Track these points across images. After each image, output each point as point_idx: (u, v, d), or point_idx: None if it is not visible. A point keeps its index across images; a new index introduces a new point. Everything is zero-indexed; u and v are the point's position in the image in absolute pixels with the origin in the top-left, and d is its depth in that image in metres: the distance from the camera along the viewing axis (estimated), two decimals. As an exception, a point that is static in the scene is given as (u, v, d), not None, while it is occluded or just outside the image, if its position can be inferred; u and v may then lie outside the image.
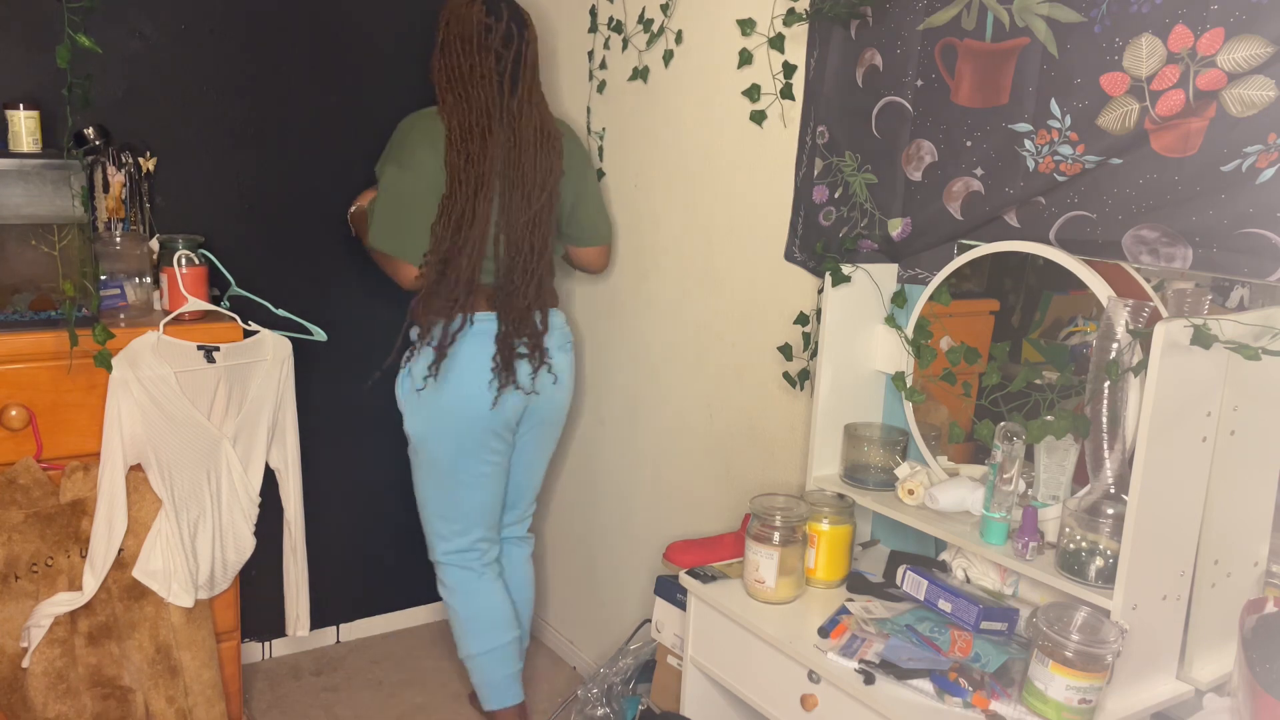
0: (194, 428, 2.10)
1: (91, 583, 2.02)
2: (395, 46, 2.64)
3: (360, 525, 2.85)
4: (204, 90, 2.50)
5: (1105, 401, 1.44)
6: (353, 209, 2.43)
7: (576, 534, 2.86)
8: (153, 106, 2.43)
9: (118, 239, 2.16)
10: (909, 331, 1.79)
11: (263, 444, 2.24)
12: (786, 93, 2.00)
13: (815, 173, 1.96)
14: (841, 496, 1.79)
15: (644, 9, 2.34)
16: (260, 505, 2.26)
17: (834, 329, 1.81)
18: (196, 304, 2.14)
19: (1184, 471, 1.38)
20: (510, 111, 2.18)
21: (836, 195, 1.92)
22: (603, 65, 2.52)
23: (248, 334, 2.20)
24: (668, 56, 2.29)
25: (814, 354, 1.97)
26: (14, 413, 1.96)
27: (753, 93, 2.06)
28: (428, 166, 2.13)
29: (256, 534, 2.26)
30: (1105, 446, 1.44)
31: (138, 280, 2.16)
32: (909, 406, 1.80)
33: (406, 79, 2.66)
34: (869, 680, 1.47)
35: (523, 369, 2.25)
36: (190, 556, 2.11)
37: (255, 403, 2.20)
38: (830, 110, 1.91)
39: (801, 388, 2.05)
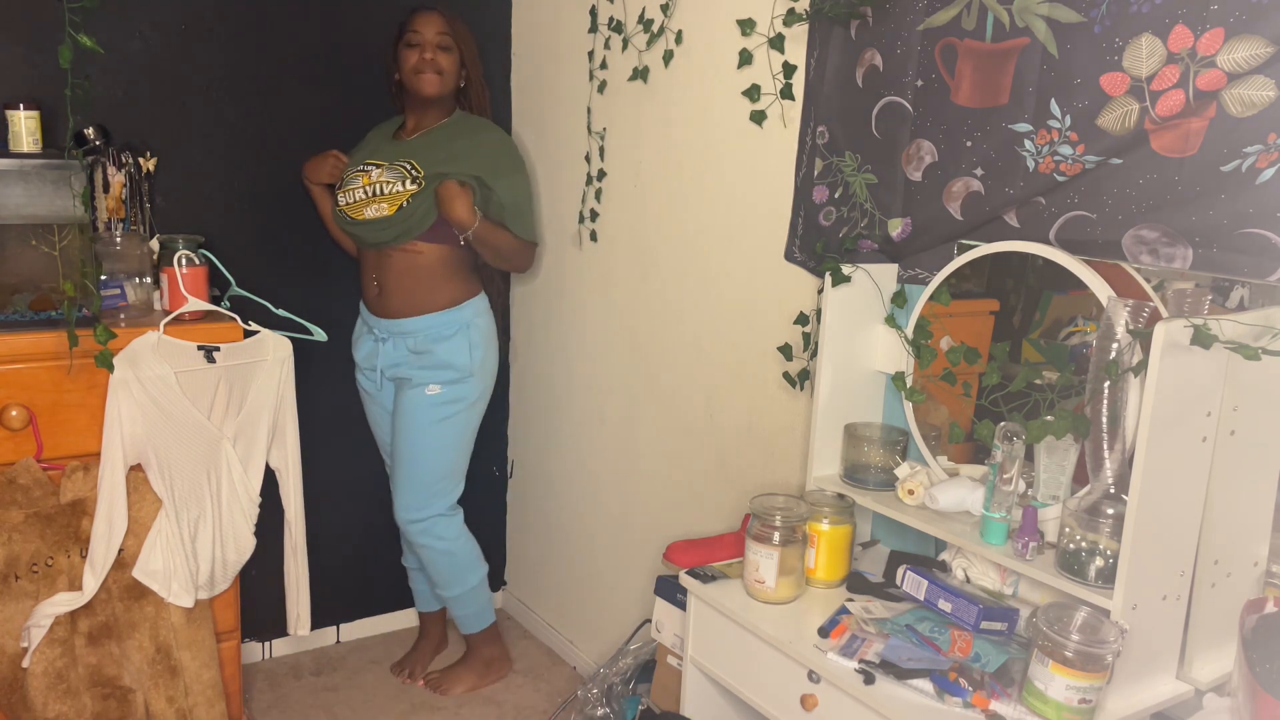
0: (194, 428, 2.10)
1: (91, 583, 2.02)
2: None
3: (360, 525, 2.85)
4: (204, 90, 2.50)
5: (1105, 401, 1.44)
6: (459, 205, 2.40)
7: (576, 534, 2.86)
8: (153, 106, 2.43)
9: (118, 239, 2.16)
10: (909, 331, 1.79)
11: (263, 444, 2.24)
12: (786, 93, 2.00)
13: (815, 173, 1.96)
14: (841, 496, 1.79)
15: (644, 9, 2.34)
16: (260, 505, 2.25)
17: (834, 329, 1.81)
18: (197, 304, 2.14)
19: (1184, 471, 1.38)
20: None
21: (836, 195, 1.92)
22: (603, 65, 2.52)
23: (248, 334, 2.20)
24: (668, 56, 2.29)
25: (814, 354, 1.97)
26: (14, 413, 1.96)
27: (753, 93, 2.06)
28: None
29: (256, 534, 2.26)
30: (1105, 446, 1.44)
31: (138, 280, 2.16)
32: (909, 406, 1.79)
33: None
34: (869, 680, 1.47)
35: None
36: (190, 557, 2.11)
37: (255, 403, 2.20)
38: (830, 110, 1.91)
39: (801, 388, 2.04)
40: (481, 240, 2.42)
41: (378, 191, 2.40)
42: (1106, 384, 1.43)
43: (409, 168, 2.41)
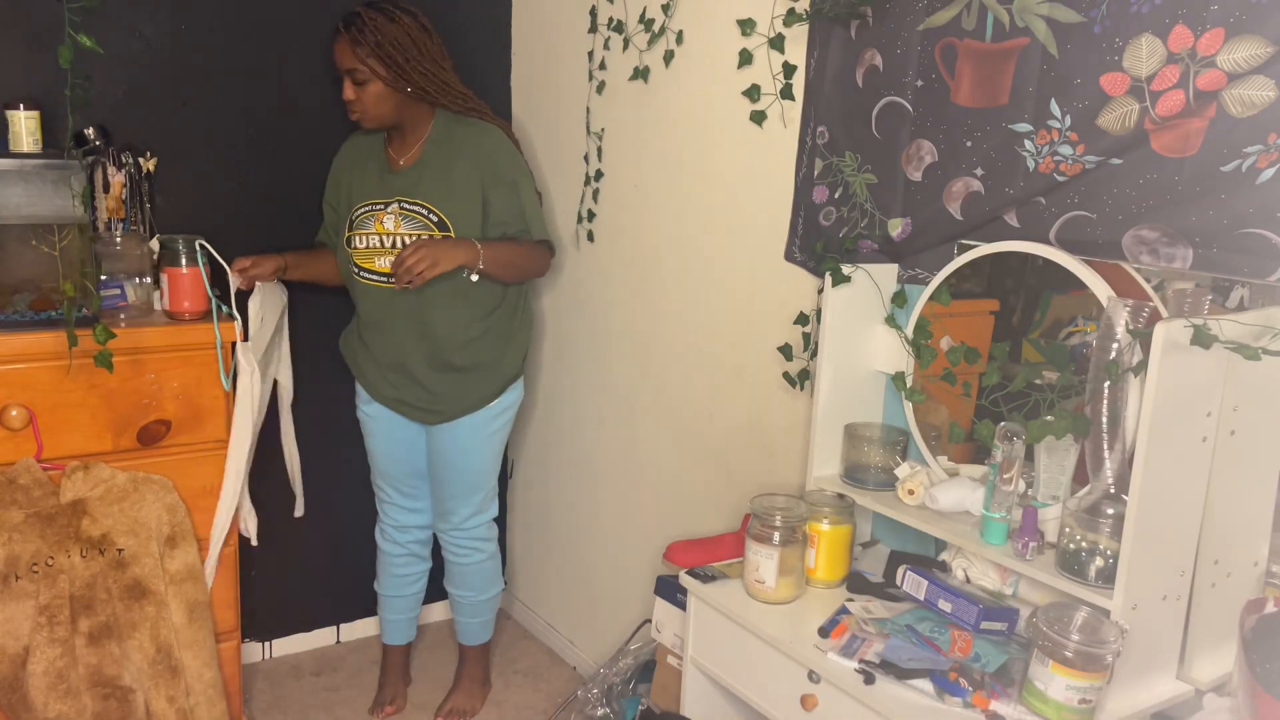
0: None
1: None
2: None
3: (361, 525, 2.85)
4: (204, 91, 2.50)
5: (1105, 401, 1.44)
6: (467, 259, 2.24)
7: (577, 534, 2.86)
8: (153, 106, 2.43)
9: (118, 239, 2.15)
10: (909, 331, 1.79)
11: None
12: (786, 93, 2.00)
13: (815, 173, 1.96)
14: (841, 496, 1.79)
15: (645, 9, 2.34)
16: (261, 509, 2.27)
17: (834, 329, 1.81)
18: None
19: (1184, 471, 1.38)
20: None
21: (836, 195, 1.93)
22: (602, 66, 2.52)
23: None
24: (668, 57, 2.29)
25: (814, 354, 1.97)
26: (14, 413, 1.96)
27: (753, 93, 2.06)
28: None
29: (260, 534, 2.26)
30: (1105, 446, 1.44)
31: (138, 280, 2.16)
32: (909, 406, 1.80)
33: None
34: (869, 680, 1.47)
35: None
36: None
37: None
38: (830, 110, 1.91)
39: (801, 388, 2.05)
40: (493, 264, 2.26)
41: (398, 244, 2.28)
42: (1106, 384, 1.43)
43: (426, 213, 2.28)
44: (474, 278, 2.27)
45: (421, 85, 2.26)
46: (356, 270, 2.36)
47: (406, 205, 2.30)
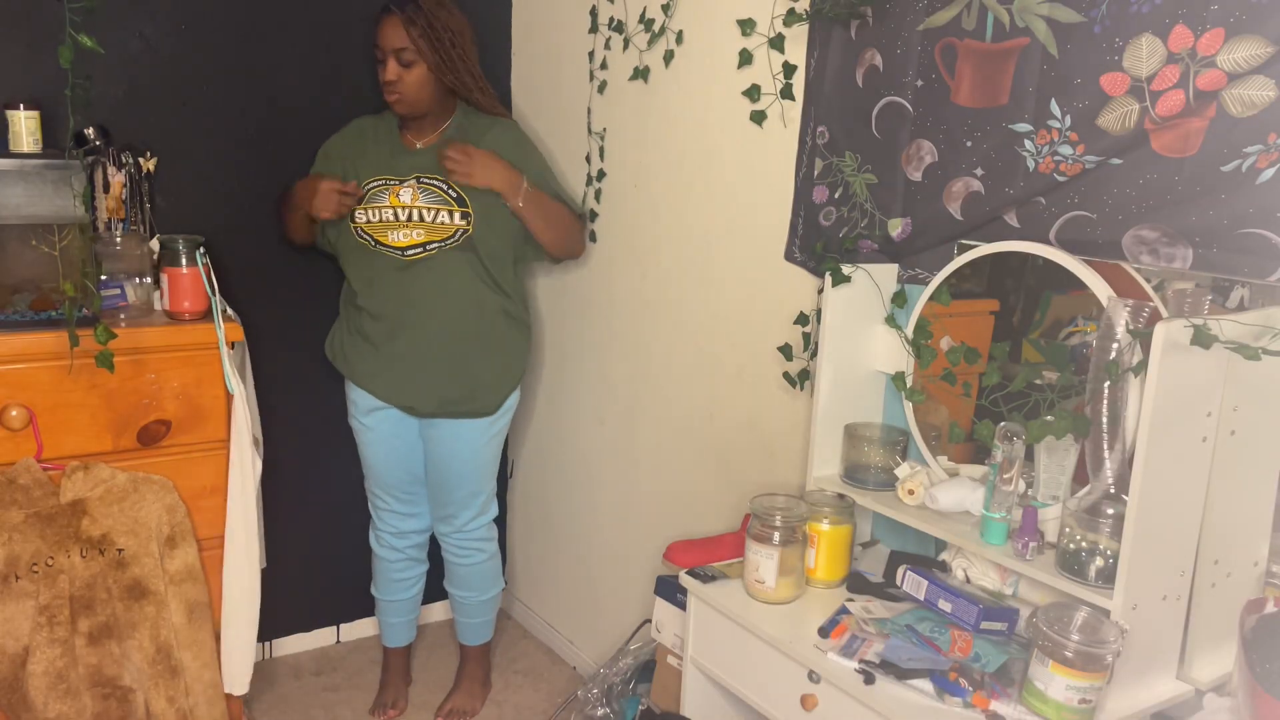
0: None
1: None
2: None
3: (360, 525, 2.85)
4: (204, 90, 2.50)
5: (1105, 401, 1.44)
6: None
7: (576, 534, 2.86)
8: (153, 106, 2.43)
9: (118, 239, 2.15)
10: (909, 331, 1.79)
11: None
12: (786, 93, 2.00)
13: (815, 173, 1.96)
14: (841, 496, 1.79)
15: (645, 9, 2.34)
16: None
17: (834, 329, 1.81)
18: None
19: (1184, 471, 1.38)
20: None
21: (836, 195, 1.93)
22: (603, 65, 2.52)
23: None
24: (668, 56, 2.29)
25: (814, 354, 1.97)
26: (14, 413, 1.96)
27: (753, 93, 2.06)
28: None
29: (264, 534, 2.27)
30: (1105, 446, 1.44)
31: (138, 280, 2.16)
32: (909, 406, 1.80)
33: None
34: (869, 680, 1.47)
35: None
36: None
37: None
38: (830, 110, 1.91)
39: (801, 388, 2.05)
40: (531, 203, 2.34)
41: (414, 217, 2.31)
42: (1106, 384, 1.43)
43: (445, 188, 2.31)
44: (508, 207, 2.34)
45: (461, 76, 2.32)
46: (372, 243, 2.36)
47: (426, 180, 2.33)
